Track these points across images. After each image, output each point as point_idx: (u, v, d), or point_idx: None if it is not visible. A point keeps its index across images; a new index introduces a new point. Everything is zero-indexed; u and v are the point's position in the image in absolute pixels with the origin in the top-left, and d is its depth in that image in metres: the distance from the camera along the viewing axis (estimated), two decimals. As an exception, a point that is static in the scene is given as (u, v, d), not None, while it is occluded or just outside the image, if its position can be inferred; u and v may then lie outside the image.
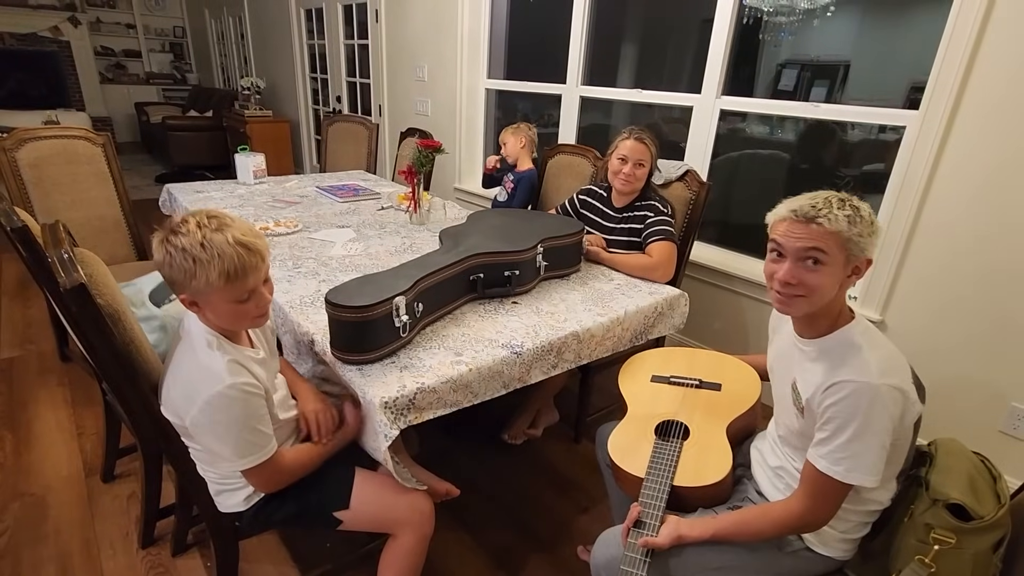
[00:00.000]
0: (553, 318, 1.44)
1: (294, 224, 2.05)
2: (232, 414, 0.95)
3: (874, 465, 0.88)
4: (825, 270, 0.90)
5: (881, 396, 0.86)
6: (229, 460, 1.00)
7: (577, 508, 1.76)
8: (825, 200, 0.90)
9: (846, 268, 0.91)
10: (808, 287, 0.91)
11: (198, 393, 0.94)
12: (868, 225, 0.89)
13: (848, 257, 0.90)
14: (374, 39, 4.17)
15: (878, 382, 0.86)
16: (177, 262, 0.90)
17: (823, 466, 0.90)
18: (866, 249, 0.90)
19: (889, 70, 2.06)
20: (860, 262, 0.91)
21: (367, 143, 3.43)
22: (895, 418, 0.87)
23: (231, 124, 5.75)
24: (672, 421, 1.18)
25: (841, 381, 0.88)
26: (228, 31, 6.80)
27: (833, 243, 0.88)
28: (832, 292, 0.93)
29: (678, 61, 2.78)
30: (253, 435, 1.00)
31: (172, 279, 0.93)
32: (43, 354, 2.47)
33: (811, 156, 2.38)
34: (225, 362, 0.96)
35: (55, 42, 6.97)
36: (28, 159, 2.19)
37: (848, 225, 0.88)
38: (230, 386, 0.93)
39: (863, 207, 0.90)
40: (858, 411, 0.86)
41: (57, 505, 1.66)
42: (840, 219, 0.88)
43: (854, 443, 0.87)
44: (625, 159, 1.81)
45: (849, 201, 0.90)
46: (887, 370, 0.88)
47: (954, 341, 1.79)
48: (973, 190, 1.68)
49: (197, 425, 0.97)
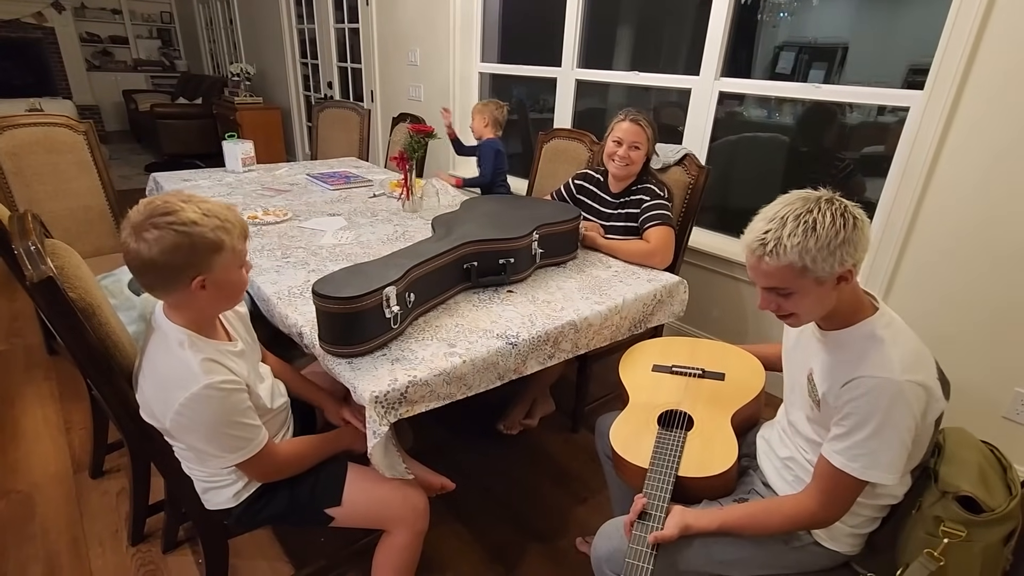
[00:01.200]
0: (549, 307, 1.40)
1: (283, 213, 2.00)
2: (211, 414, 0.92)
3: (893, 463, 0.85)
4: (795, 296, 0.87)
5: (903, 393, 0.82)
6: (218, 457, 0.97)
7: (575, 499, 1.73)
8: (780, 222, 0.83)
9: (821, 286, 0.85)
10: (790, 311, 0.90)
11: (173, 396, 0.89)
12: (832, 238, 0.81)
13: (816, 280, 0.84)
14: (365, 23, 4.07)
15: (900, 378, 0.82)
16: (197, 238, 0.86)
17: (839, 462, 0.87)
18: (839, 263, 0.83)
19: (888, 52, 2.02)
20: (836, 275, 0.84)
21: (359, 129, 3.36)
22: (918, 415, 0.84)
23: (221, 111, 5.64)
24: (675, 411, 1.15)
25: (861, 376, 0.85)
26: (216, 16, 6.65)
27: (788, 274, 0.84)
28: (824, 304, 0.89)
29: (675, 43, 2.72)
30: (238, 430, 0.96)
31: (187, 263, 0.86)
32: (30, 348, 2.42)
33: (810, 139, 2.33)
34: (199, 361, 0.91)
35: (39, 29, 6.81)
36: (7, 148, 2.12)
37: (799, 255, 0.82)
38: (206, 386, 0.89)
39: (826, 219, 0.82)
40: (878, 407, 0.83)
41: (44, 503, 1.62)
42: (789, 250, 0.82)
43: (873, 440, 0.84)
44: (620, 141, 1.76)
45: (811, 214, 0.82)
46: (911, 366, 0.84)
47: (957, 327, 1.76)
48: (978, 173, 1.64)
49: (177, 428, 0.93)
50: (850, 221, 0.83)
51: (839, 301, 0.90)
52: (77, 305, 0.94)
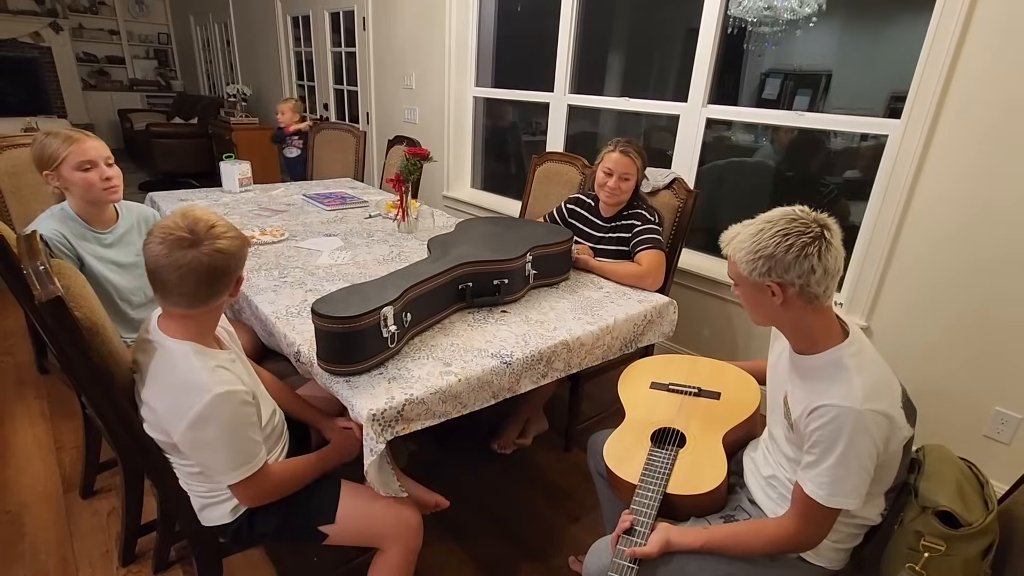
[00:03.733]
0: (543, 327, 1.43)
1: (280, 233, 2.03)
2: (224, 423, 0.94)
3: (855, 489, 0.88)
4: (739, 289, 0.99)
5: (864, 421, 0.85)
6: (222, 472, 0.98)
7: (568, 517, 1.74)
8: (749, 222, 0.95)
9: (756, 290, 0.94)
10: (742, 303, 1.01)
11: (187, 407, 0.91)
12: (760, 249, 0.89)
13: (748, 282, 0.94)
14: (361, 46, 4.16)
15: (862, 407, 0.86)
16: (240, 247, 1.00)
17: (809, 489, 0.90)
18: (758, 273, 0.90)
19: (870, 79, 2.10)
20: (764, 284, 0.91)
21: (355, 151, 3.41)
22: (879, 443, 0.87)
23: (216, 131, 5.69)
24: (668, 428, 1.18)
25: (825, 405, 0.88)
26: (214, 38, 6.74)
27: (732, 267, 0.97)
28: (765, 312, 0.96)
29: (665, 69, 2.81)
30: (245, 444, 0.98)
31: (235, 267, 0.99)
32: (20, 366, 2.41)
33: (796, 163, 2.41)
34: (210, 370, 0.94)
35: (36, 48, 6.88)
36: (5, 168, 2.14)
37: (733, 251, 0.94)
38: (219, 395, 0.91)
39: (768, 232, 0.89)
40: (841, 436, 0.86)
41: (34, 523, 1.61)
42: (727, 245, 0.96)
43: (838, 467, 0.87)
44: (611, 172, 1.82)
45: (768, 224, 0.91)
46: (872, 395, 0.87)
47: (939, 346, 1.81)
48: (956, 197, 1.71)
49: (188, 439, 0.94)
50: (790, 243, 0.88)
51: (798, 322, 0.94)
52: (83, 324, 0.96)
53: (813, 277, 0.88)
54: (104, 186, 1.48)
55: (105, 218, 1.55)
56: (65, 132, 1.47)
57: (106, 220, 1.55)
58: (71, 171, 1.44)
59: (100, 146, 1.50)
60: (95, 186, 1.46)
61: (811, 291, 0.89)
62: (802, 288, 0.89)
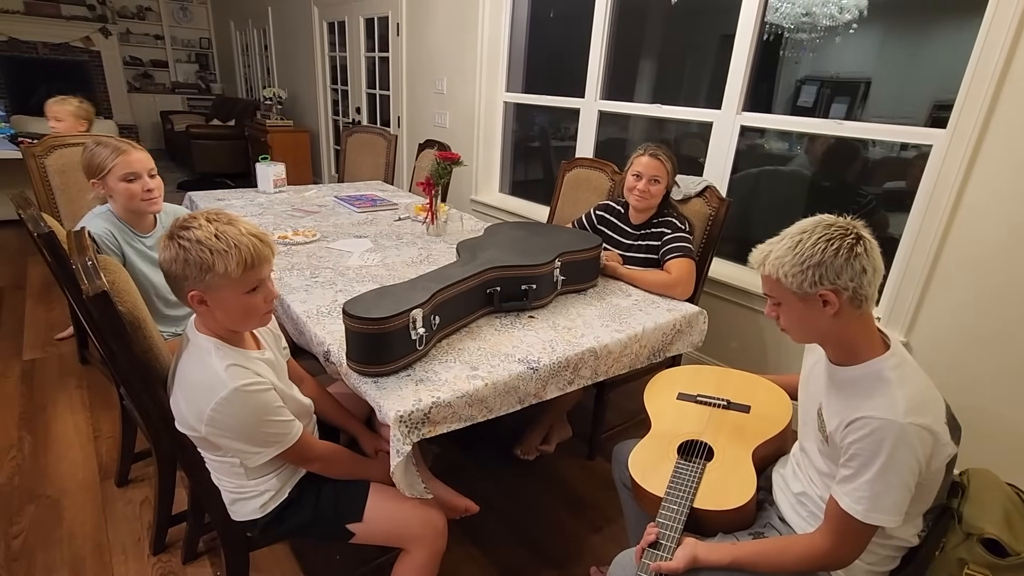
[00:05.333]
0: (570, 333, 1.42)
1: (312, 234, 2.07)
2: (243, 416, 0.96)
3: (896, 505, 0.85)
4: (784, 308, 0.94)
5: (907, 435, 0.82)
6: (256, 453, 1.01)
7: (591, 527, 1.72)
8: (780, 238, 0.92)
9: (804, 303, 0.90)
10: (783, 323, 0.96)
11: (204, 403, 0.94)
12: (808, 258, 0.86)
13: (796, 295, 0.89)
14: (395, 52, 4.22)
15: (904, 420, 0.83)
16: (193, 255, 0.90)
17: (846, 504, 0.87)
18: (810, 283, 0.87)
19: (911, 88, 2.03)
20: (815, 295, 0.88)
21: (385, 154, 3.46)
22: (922, 459, 0.84)
23: (252, 133, 5.85)
24: (696, 441, 1.15)
25: (864, 417, 0.85)
26: (252, 43, 6.94)
27: (772, 285, 0.93)
28: (811, 324, 0.92)
29: (697, 76, 2.77)
30: (271, 427, 1.00)
31: (183, 275, 0.92)
32: (63, 357, 2.50)
33: (832, 173, 2.34)
34: (224, 367, 0.95)
35: (86, 52, 7.19)
36: (56, 166, 2.24)
37: (776, 268, 0.90)
38: (233, 391, 0.93)
39: (810, 239, 0.87)
40: (881, 449, 0.83)
41: (72, 508, 1.67)
42: (770, 262, 0.91)
43: (877, 483, 0.84)
44: (640, 175, 1.80)
45: (804, 234, 0.88)
46: (915, 408, 0.84)
47: (985, 366, 1.73)
48: (1005, 212, 1.64)
49: (212, 433, 0.96)
50: (836, 246, 0.86)
51: (844, 333, 0.91)
52: (126, 318, 0.99)
53: (865, 278, 0.87)
54: (145, 197, 1.59)
55: (145, 224, 1.66)
56: (114, 143, 1.57)
57: (146, 225, 1.67)
58: (116, 181, 1.55)
59: (145, 158, 1.59)
60: (137, 196, 1.58)
61: (863, 293, 0.88)
62: (855, 291, 0.87)
